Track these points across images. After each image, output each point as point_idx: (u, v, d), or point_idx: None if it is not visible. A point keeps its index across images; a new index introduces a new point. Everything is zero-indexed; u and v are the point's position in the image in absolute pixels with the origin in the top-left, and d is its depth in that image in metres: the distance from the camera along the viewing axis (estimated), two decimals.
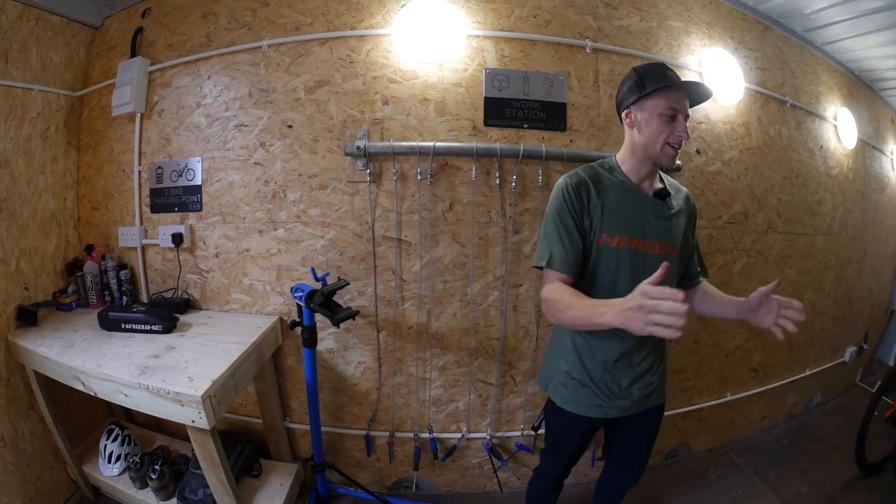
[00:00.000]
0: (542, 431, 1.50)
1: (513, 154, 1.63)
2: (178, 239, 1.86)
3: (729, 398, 2.40)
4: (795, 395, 2.83)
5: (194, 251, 1.88)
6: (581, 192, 1.13)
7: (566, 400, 1.25)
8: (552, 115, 1.71)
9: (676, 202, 1.22)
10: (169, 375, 1.34)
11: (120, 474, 1.77)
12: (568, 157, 1.65)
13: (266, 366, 1.79)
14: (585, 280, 1.15)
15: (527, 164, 1.68)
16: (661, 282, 0.84)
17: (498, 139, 1.69)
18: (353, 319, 1.60)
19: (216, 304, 1.90)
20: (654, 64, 1.14)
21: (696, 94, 1.14)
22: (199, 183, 1.88)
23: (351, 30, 1.74)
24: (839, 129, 2.63)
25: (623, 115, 1.17)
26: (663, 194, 1.20)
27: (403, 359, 1.79)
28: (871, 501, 2.59)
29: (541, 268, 1.15)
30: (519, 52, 1.72)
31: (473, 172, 1.65)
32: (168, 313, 1.71)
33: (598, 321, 0.92)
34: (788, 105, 2.31)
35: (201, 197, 1.88)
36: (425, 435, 1.84)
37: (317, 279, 1.58)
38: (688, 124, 1.13)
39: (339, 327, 1.61)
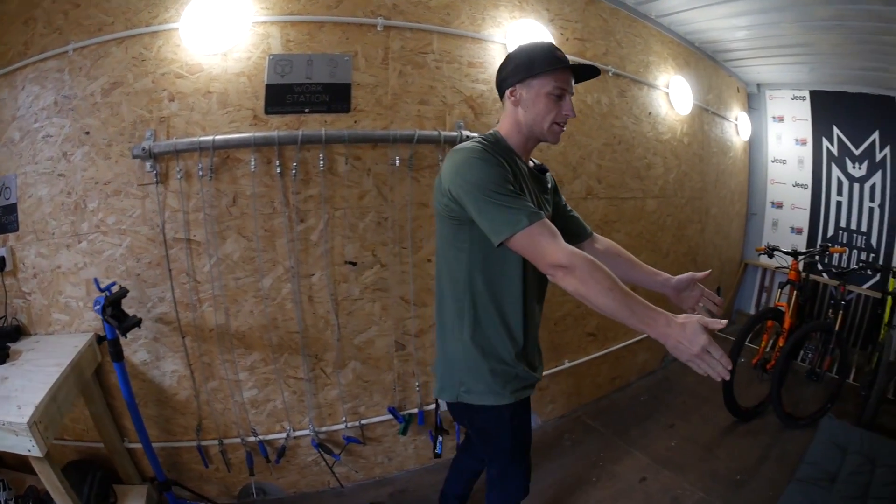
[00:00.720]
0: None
1: (292, 140, 1.59)
2: (0, 263, 1.79)
3: (567, 365, 2.40)
4: (646, 353, 2.86)
5: (17, 274, 1.80)
6: (500, 158, 1.04)
7: (510, 394, 1.16)
8: (336, 97, 1.66)
9: (550, 176, 1.27)
10: (2, 406, 1.29)
11: None
12: (349, 139, 1.60)
13: (90, 385, 1.73)
14: (499, 261, 1.07)
15: (308, 149, 1.63)
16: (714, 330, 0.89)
17: (279, 126, 1.64)
18: (139, 328, 1.54)
19: (41, 328, 1.82)
20: (542, 44, 1.13)
21: (581, 71, 1.15)
22: (15, 201, 1.80)
23: (146, 26, 1.67)
24: (671, 96, 2.70)
25: (507, 92, 1.13)
26: (543, 169, 1.23)
27: (212, 362, 1.73)
28: (757, 444, 2.58)
29: (508, 238, 0.96)
30: (305, 36, 1.67)
31: (253, 163, 1.60)
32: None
33: (639, 325, 0.90)
34: (611, 74, 2.32)
35: (17, 216, 1.80)
36: (252, 439, 1.77)
37: (100, 290, 1.52)
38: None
39: (125, 337, 1.55)
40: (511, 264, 1.08)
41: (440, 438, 1.48)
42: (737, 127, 3.74)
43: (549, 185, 1.25)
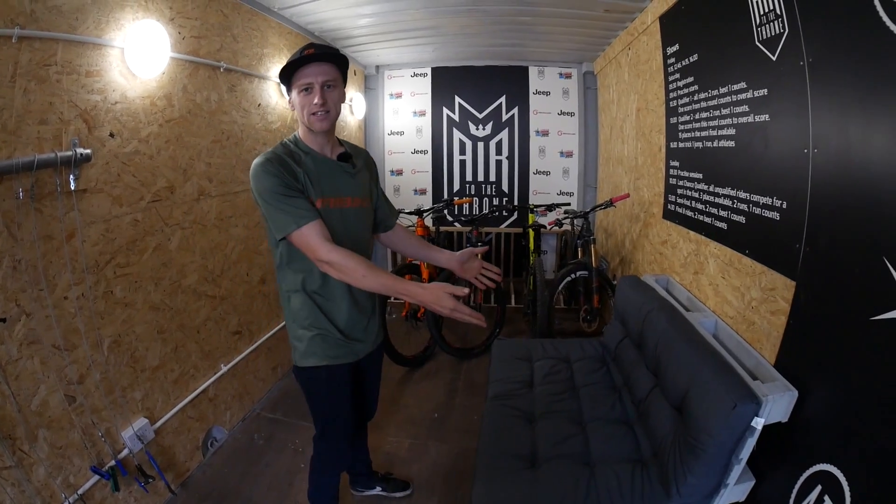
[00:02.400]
0: None
1: None
2: None
3: (225, 368, 2.40)
4: None
5: None
6: (283, 164, 1.28)
7: (324, 356, 1.40)
8: None
9: (359, 162, 1.49)
10: None
11: None
12: None
13: None
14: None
15: None
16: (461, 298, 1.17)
17: None
18: None
19: None
20: (301, 48, 1.30)
21: (333, 60, 1.32)
22: None
23: None
24: (282, 87, 2.96)
25: (288, 103, 1.39)
26: (346, 157, 1.44)
27: None
28: (439, 382, 2.79)
29: (284, 236, 1.26)
30: None
31: None
32: None
33: (399, 295, 1.23)
34: (222, 69, 2.30)
35: None
36: None
37: None
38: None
39: None
40: None
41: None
42: (351, 107, 4.06)
43: (356, 169, 1.46)
